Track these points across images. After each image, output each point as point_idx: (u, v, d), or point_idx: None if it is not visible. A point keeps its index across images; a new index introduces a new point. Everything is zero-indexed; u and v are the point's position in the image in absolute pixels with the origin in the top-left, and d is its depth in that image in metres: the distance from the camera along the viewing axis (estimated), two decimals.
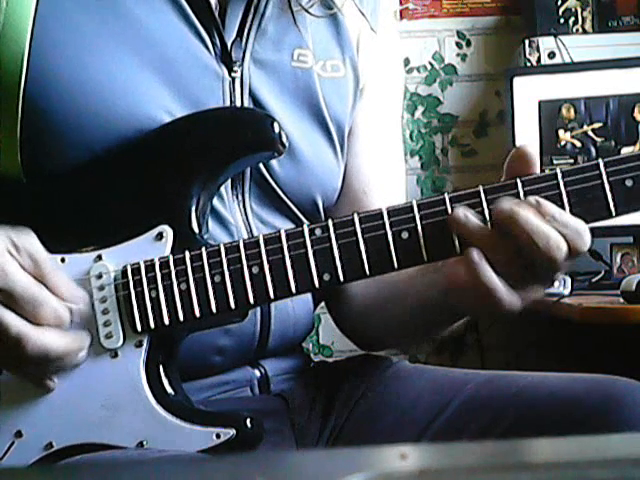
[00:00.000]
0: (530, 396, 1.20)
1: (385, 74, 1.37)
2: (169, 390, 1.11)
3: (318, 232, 1.08)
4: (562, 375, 1.23)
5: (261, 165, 1.22)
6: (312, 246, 1.07)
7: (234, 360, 1.21)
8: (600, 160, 1.04)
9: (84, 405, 1.10)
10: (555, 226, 1.03)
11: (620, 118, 2.40)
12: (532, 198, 1.05)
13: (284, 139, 1.13)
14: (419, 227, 1.06)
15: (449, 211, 1.06)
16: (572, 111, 2.42)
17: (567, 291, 2.17)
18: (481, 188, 1.06)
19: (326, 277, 1.07)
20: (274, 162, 1.22)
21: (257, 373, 1.25)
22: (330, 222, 1.08)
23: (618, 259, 2.37)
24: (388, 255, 1.07)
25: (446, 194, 1.06)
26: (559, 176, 1.05)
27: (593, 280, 2.36)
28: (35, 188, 1.16)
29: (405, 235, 1.07)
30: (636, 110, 2.39)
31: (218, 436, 1.08)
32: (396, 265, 1.07)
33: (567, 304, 2.09)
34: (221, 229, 1.19)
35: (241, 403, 1.21)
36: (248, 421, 1.09)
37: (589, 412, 1.13)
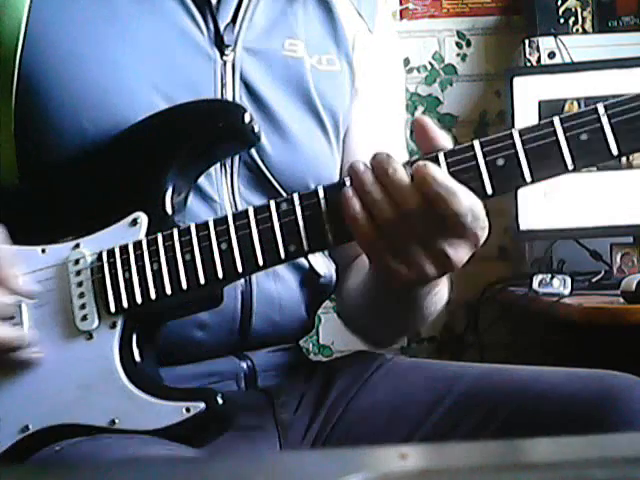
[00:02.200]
0: (526, 391, 1.19)
1: (384, 73, 1.38)
2: (141, 369, 1.12)
3: (284, 206, 1.09)
4: (558, 370, 1.23)
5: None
6: (279, 219, 1.09)
7: (218, 338, 1.21)
8: (556, 117, 1.05)
9: (59, 387, 1.11)
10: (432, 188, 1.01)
11: None
12: (421, 162, 1.03)
13: (256, 129, 1.15)
14: None
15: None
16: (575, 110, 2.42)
17: (567, 291, 2.17)
18: (441, 154, 1.05)
19: (292, 248, 1.09)
20: (267, 145, 1.23)
21: (244, 365, 1.25)
22: (296, 195, 1.09)
23: (618, 259, 2.36)
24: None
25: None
26: (515, 135, 1.07)
27: (593, 280, 2.35)
28: (23, 185, 1.19)
29: None
30: None
31: (188, 410, 1.09)
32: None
33: (567, 304, 2.09)
34: (207, 208, 1.21)
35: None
36: (219, 397, 1.09)
37: (586, 406, 1.13)
